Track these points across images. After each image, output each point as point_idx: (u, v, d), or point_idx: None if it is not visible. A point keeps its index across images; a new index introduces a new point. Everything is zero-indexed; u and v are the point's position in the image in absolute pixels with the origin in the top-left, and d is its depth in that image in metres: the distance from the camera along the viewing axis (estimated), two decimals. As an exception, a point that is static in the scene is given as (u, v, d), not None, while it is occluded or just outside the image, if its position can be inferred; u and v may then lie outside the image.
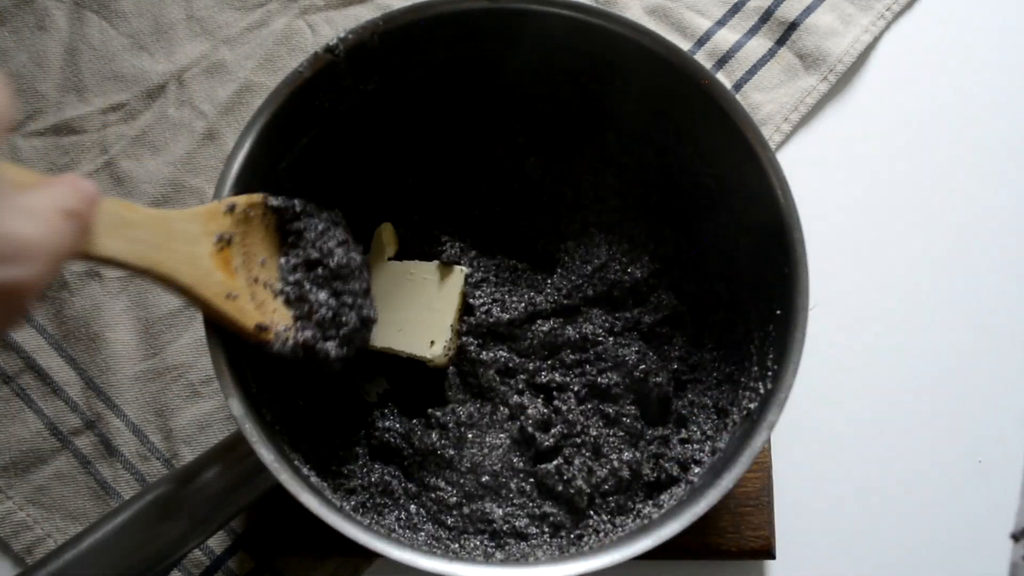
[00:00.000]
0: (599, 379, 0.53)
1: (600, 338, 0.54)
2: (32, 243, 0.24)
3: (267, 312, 0.46)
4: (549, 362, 0.55)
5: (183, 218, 0.43)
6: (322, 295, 0.48)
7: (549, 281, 0.57)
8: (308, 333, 0.47)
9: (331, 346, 0.47)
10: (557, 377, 0.54)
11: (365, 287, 0.50)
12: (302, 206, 0.49)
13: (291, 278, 0.48)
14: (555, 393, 0.54)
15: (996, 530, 0.57)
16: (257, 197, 0.47)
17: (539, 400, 0.54)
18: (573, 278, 0.56)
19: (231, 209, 0.45)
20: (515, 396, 0.54)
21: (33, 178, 0.31)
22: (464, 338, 0.54)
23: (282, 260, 0.49)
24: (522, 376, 0.54)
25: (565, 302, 0.56)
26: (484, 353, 0.54)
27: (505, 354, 0.54)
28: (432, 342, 0.53)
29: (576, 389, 0.54)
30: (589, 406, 0.53)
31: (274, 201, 0.47)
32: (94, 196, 0.31)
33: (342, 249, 0.49)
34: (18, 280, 0.23)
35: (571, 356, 0.54)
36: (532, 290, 0.56)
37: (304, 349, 0.46)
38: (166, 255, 0.41)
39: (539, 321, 0.55)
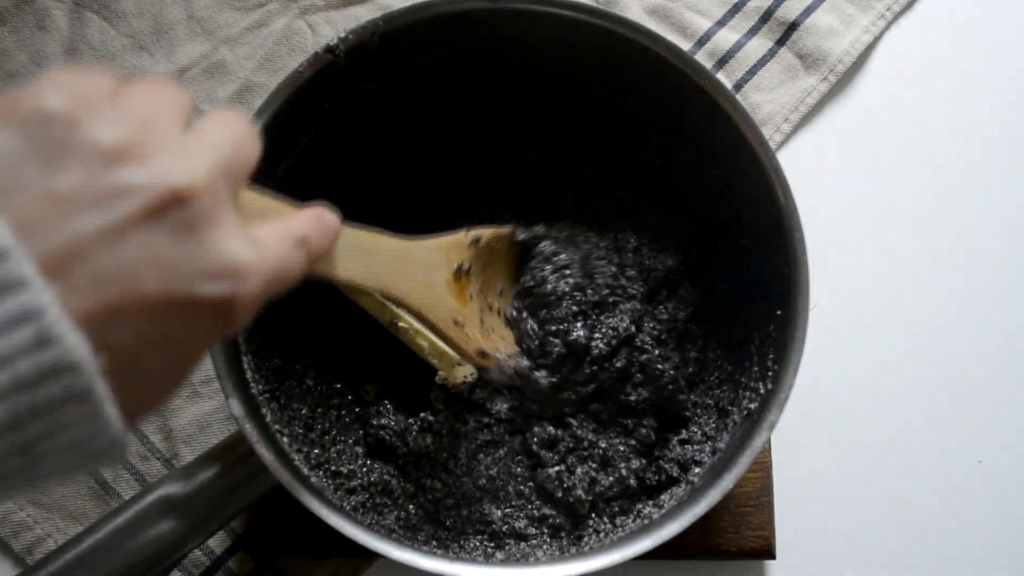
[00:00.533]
0: (631, 397, 0.53)
1: (648, 347, 0.53)
2: (246, 264, 0.25)
3: (493, 339, 0.48)
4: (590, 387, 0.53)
5: (425, 247, 0.44)
6: (531, 323, 0.50)
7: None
8: (523, 362, 0.48)
9: (542, 375, 0.49)
10: (589, 408, 0.53)
11: (573, 311, 0.51)
12: (542, 234, 0.51)
13: (516, 305, 0.50)
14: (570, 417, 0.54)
15: (996, 530, 0.57)
16: (505, 230, 0.49)
17: (549, 425, 0.53)
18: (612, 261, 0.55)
19: (476, 241, 0.47)
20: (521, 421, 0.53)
21: (278, 208, 0.33)
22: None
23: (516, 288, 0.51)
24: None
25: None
26: (496, 401, 0.53)
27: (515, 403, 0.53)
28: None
29: (603, 416, 0.53)
30: (607, 421, 0.53)
31: (521, 235, 0.49)
32: (334, 228, 0.33)
33: (554, 276, 0.51)
34: (228, 296, 0.25)
35: (611, 377, 0.53)
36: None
37: (518, 377, 0.48)
38: (400, 279, 0.42)
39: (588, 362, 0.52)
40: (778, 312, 0.47)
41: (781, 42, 0.65)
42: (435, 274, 0.45)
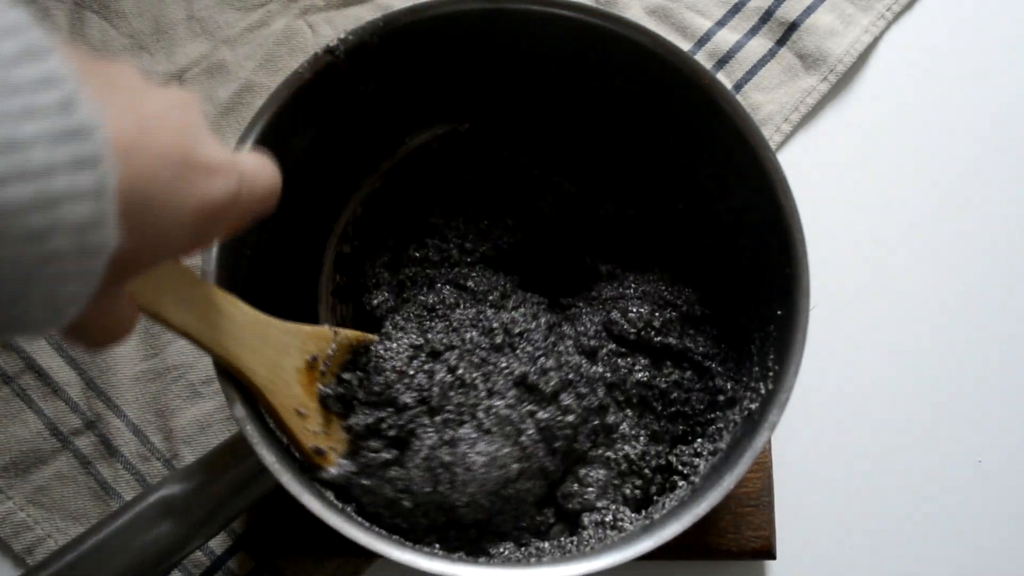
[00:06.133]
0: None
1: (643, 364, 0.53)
2: (226, 156, 0.31)
3: (333, 438, 0.46)
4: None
5: (282, 328, 0.43)
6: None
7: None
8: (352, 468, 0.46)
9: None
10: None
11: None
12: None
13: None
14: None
15: (996, 530, 0.57)
16: (372, 337, 0.48)
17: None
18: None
19: (337, 336, 0.46)
20: None
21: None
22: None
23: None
24: None
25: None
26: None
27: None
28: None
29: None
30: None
31: (380, 347, 0.48)
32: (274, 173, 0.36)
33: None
34: (217, 161, 0.30)
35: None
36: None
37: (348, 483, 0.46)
38: (248, 353, 0.40)
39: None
40: (778, 312, 0.47)
41: (781, 42, 0.65)
42: (286, 358, 0.43)
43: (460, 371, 0.48)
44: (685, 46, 0.65)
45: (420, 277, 0.56)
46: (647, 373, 0.52)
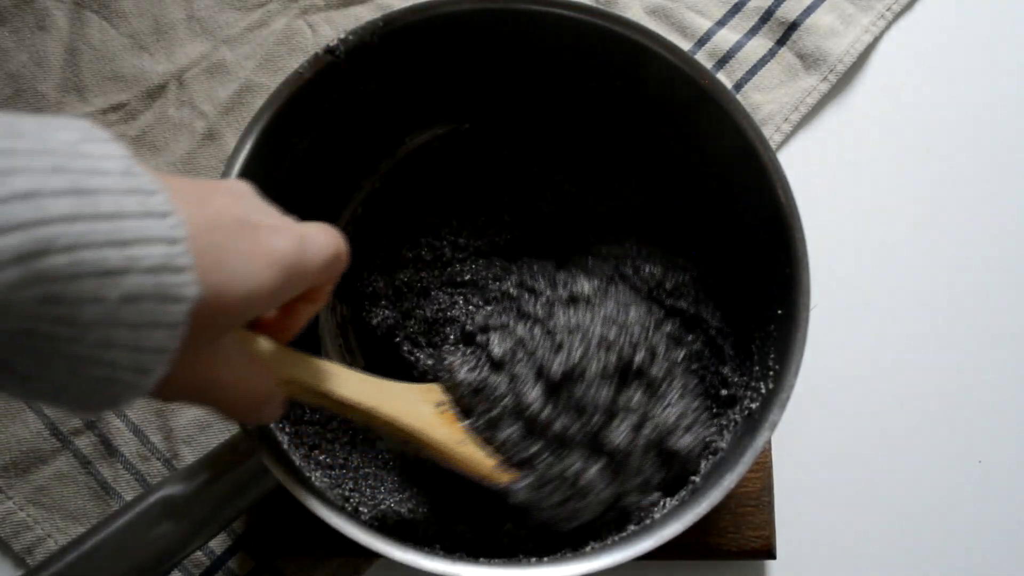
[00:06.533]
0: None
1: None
2: (289, 223, 0.34)
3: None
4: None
5: (402, 386, 0.44)
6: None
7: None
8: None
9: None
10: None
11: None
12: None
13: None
14: None
15: (996, 530, 0.57)
16: None
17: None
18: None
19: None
20: None
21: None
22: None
23: None
24: None
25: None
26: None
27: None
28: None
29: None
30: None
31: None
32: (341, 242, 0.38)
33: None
34: (274, 224, 0.32)
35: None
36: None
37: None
38: (392, 404, 0.41)
39: None
40: (779, 311, 0.47)
41: (781, 42, 0.65)
42: (422, 406, 0.44)
43: (499, 323, 0.49)
44: (685, 46, 0.65)
45: (415, 282, 0.55)
46: (676, 329, 0.52)
